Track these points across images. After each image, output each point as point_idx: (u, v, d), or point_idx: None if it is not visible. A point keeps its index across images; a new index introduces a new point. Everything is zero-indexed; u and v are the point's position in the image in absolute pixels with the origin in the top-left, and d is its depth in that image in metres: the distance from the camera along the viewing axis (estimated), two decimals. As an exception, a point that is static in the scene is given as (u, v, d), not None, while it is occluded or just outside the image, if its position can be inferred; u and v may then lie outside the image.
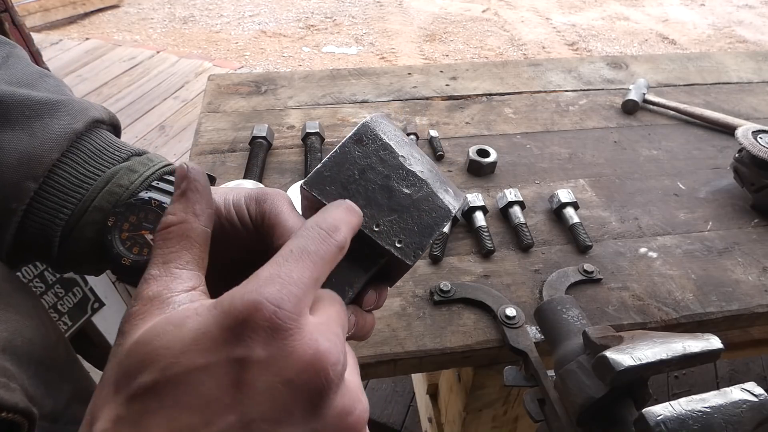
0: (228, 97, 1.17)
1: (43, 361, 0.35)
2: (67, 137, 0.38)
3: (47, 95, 0.40)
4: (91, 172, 0.39)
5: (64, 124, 0.39)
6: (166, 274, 0.28)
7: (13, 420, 0.29)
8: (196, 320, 0.24)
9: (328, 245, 0.28)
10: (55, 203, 0.37)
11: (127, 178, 0.39)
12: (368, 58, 4.20)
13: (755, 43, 4.67)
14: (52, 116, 0.39)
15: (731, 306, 0.75)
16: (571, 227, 0.85)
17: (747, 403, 0.42)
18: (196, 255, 0.29)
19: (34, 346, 0.35)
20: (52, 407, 0.35)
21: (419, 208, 0.36)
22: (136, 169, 0.40)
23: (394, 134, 0.38)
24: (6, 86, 0.38)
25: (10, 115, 0.37)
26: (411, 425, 1.65)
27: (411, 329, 0.71)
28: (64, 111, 0.40)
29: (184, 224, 0.29)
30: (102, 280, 1.45)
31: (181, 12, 4.96)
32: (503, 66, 1.35)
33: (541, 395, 0.59)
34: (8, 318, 0.34)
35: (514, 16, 5.12)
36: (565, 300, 0.63)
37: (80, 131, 0.40)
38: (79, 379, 0.41)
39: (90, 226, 0.38)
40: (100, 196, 0.38)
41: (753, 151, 0.87)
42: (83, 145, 0.40)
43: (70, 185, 0.38)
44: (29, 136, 0.37)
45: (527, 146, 1.06)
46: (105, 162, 0.40)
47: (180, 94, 3.37)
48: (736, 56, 1.45)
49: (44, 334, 0.37)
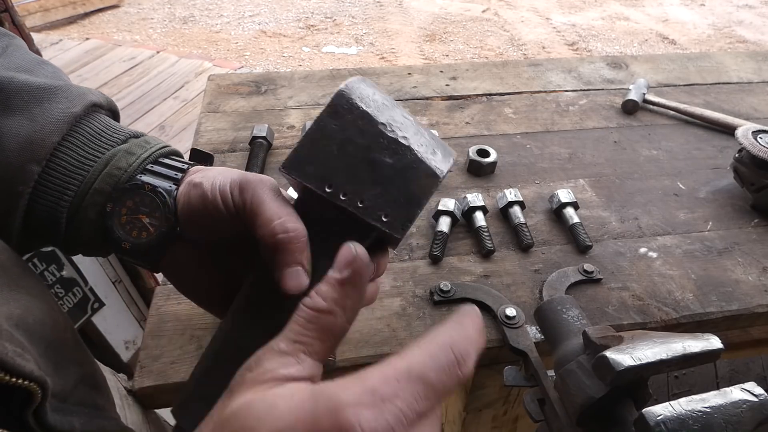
0: (228, 97, 1.17)
1: (52, 341, 0.36)
2: (66, 121, 0.39)
3: (45, 81, 0.41)
4: (91, 154, 0.40)
5: (63, 108, 0.40)
6: (293, 355, 0.28)
7: (27, 388, 0.30)
8: (286, 412, 0.24)
9: (450, 378, 0.25)
10: (59, 185, 0.38)
11: (125, 160, 0.40)
12: (368, 58, 4.20)
13: (755, 43, 4.67)
14: (50, 101, 0.40)
15: (731, 306, 0.75)
16: (571, 227, 0.85)
17: (747, 403, 0.42)
18: (328, 349, 0.29)
19: (44, 327, 0.36)
20: (61, 387, 0.36)
21: (404, 177, 0.34)
22: (133, 151, 0.41)
23: (374, 99, 0.35)
24: (5, 72, 0.39)
25: (10, 101, 0.38)
26: (411, 425, 1.65)
27: (411, 329, 0.71)
28: (63, 96, 0.40)
29: (332, 317, 0.29)
30: (102, 280, 1.45)
31: (181, 12, 4.96)
32: (503, 66, 1.35)
33: (541, 395, 0.59)
34: (20, 298, 0.35)
35: (514, 16, 5.12)
36: (565, 300, 0.63)
37: (79, 115, 0.40)
38: (85, 364, 0.41)
39: (92, 207, 0.39)
40: (100, 179, 0.39)
41: (753, 151, 0.87)
42: (82, 128, 0.41)
43: (71, 167, 0.39)
44: (30, 120, 0.38)
45: (527, 146, 1.06)
46: (104, 144, 0.41)
47: (180, 94, 3.37)
48: (736, 56, 1.45)
49: (53, 317, 0.38)
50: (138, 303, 1.60)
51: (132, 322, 1.57)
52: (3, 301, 0.33)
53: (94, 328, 1.45)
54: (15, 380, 0.30)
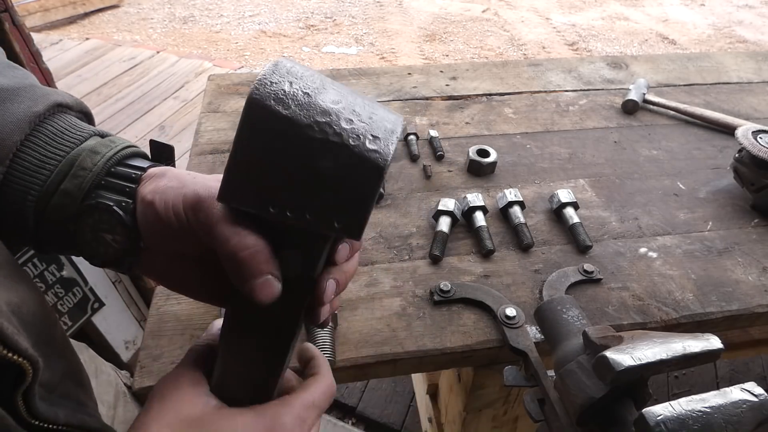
0: (228, 97, 1.17)
1: (43, 334, 0.37)
2: (27, 120, 0.39)
3: (8, 82, 0.41)
4: (53, 153, 0.39)
5: (24, 108, 0.40)
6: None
7: (20, 365, 0.32)
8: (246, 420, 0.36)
9: (328, 403, 0.42)
10: (22, 185, 0.38)
11: (90, 160, 0.39)
12: (368, 58, 4.20)
13: (755, 43, 4.67)
14: (12, 101, 0.40)
15: (731, 306, 0.75)
16: (571, 227, 0.85)
17: (747, 403, 0.42)
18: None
19: (36, 319, 0.37)
20: (48, 377, 0.37)
21: (346, 178, 0.30)
22: (98, 150, 0.40)
23: (294, 91, 0.30)
24: None
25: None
26: (411, 425, 1.65)
27: (411, 329, 0.71)
28: (25, 96, 0.40)
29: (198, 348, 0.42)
30: (102, 280, 1.45)
31: (181, 12, 4.96)
32: (503, 66, 1.35)
33: (541, 395, 0.59)
34: (18, 289, 0.36)
35: (514, 16, 5.12)
36: (565, 300, 0.63)
37: (41, 114, 0.40)
38: (71, 361, 0.42)
39: (58, 210, 0.39)
40: (67, 180, 0.39)
41: (753, 151, 0.87)
42: (45, 127, 0.40)
43: (33, 167, 0.39)
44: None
45: (527, 146, 1.06)
46: (66, 142, 0.40)
47: (180, 94, 3.37)
48: (736, 56, 1.45)
49: (45, 312, 0.39)
50: (138, 303, 1.60)
51: (132, 322, 1.57)
52: (4, 288, 0.35)
53: (94, 328, 1.45)
54: (11, 355, 0.31)
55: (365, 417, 1.67)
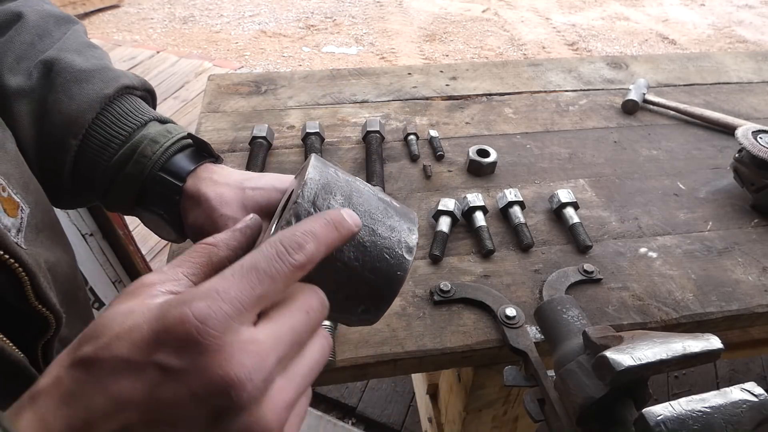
0: (228, 97, 1.17)
1: (68, 296, 0.41)
2: (99, 101, 0.46)
3: (86, 64, 0.47)
4: (116, 133, 0.46)
5: (97, 90, 0.46)
6: (169, 272, 0.30)
7: (46, 317, 0.35)
8: (139, 315, 0.26)
9: (281, 264, 0.27)
10: (92, 159, 0.46)
11: (150, 148, 0.46)
12: (368, 58, 4.20)
13: (755, 43, 4.67)
14: (88, 82, 0.46)
15: (731, 306, 0.75)
16: (571, 227, 0.85)
17: (747, 403, 0.42)
18: (205, 272, 0.31)
19: (66, 280, 0.41)
20: (67, 335, 0.40)
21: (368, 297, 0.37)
22: (158, 140, 0.47)
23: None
24: (56, 52, 0.47)
25: (55, 80, 0.46)
26: (411, 425, 1.65)
27: (411, 329, 0.71)
28: (99, 78, 0.47)
29: (214, 248, 0.32)
30: (102, 280, 1.45)
31: (181, 12, 4.95)
32: (503, 66, 1.35)
33: (541, 395, 0.59)
34: (56, 251, 0.41)
35: (514, 16, 5.12)
36: (565, 300, 0.63)
37: (111, 96, 0.47)
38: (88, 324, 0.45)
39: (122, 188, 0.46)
40: (130, 165, 0.46)
41: (753, 151, 0.87)
42: (113, 108, 0.47)
43: (100, 144, 0.46)
44: (69, 98, 0.45)
45: (527, 146, 1.06)
46: (129, 124, 0.47)
47: (180, 94, 3.37)
48: (736, 56, 1.45)
49: (74, 277, 0.44)
50: (138, 303, 1.60)
51: (132, 322, 1.57)
52: (43, 248, 0.39)
53: (94, 328, 1.45)
54: (41, 307, 0.35)
55: (365, 417, 1.67)
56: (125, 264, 1.53)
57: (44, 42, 0.48)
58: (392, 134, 1.08)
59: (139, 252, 1.56)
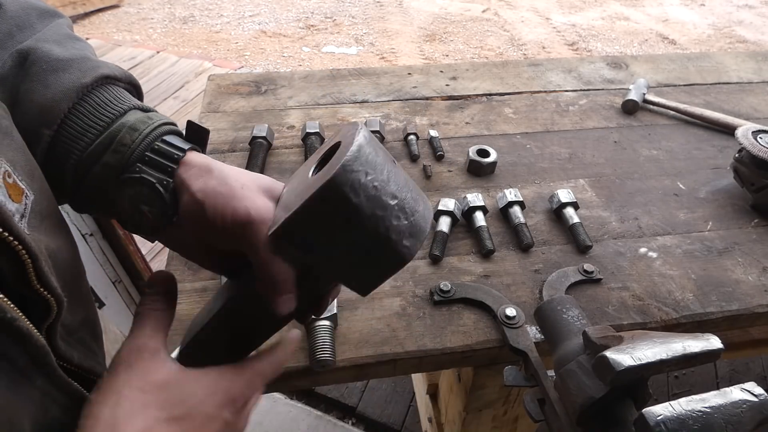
0: (228, 97, 1.17)
1: (70, 281, 0.41)
2: (75, 90, 0.43)
3: (65, 53, 0.45)
4: (93, 123, 0.43)
5: (74, 79, 0.43)
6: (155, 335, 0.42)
7: (48, 301, 0.36)
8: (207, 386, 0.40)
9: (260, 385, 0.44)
10: (65, 150, 0.43)
11: (129, 136, 0.43)
12: (368, 58, 4.20)
13: (755, 43, 4.67)
14: (65, 71, 0.44)
15: (731, 306, 0.75)
16: (571, 227, 0.85)
17: (747, 403, 0.42)
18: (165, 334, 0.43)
19: (67, 268, 0.41)
20: (69, 321, 0.41)
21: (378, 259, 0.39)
22: (137, 127, 0.43)
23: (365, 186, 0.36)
24: (34, 42, 0.45)
25: (30, 69, 0.43)
26: (411, 425, 1.65)
27: (411, 329, 0.71)
28: (76, 67, 0.44)
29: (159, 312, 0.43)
30: (102, 280, 1.45)
31: (181, 12, 4.96)
32: (503, 66, 1.35)
33: (541, 395, 0.59)
34: (58, 237, 0.41)
35: (514, 16, 5.12)
36: (565, 300, 0.62)
37: (88, 85, 0.44)
38: (89, 311, 0.47)
39: (99, 178, 0.43)
40: (108, 154, 0.42)
41: (753, 151, 0.87)
42: (90, 98, 0.44)
43: (75, 134, 0.43)
44: (44, 87, 0.42)
45: (527, 146, 1.06)
46: (107, 114, 0.44)
47: (180, 94, 3.37)
48: (736, 56, 1.45)
49: (75, 264, 0.44)
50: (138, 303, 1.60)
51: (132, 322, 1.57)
52: (45, 234, 0.39)
53: (94, 328, 1.45)
54: (43, 290, 0.35)
55: (365, 417, 1.67)
56: (125, 264, 1.53)
57: (24, 33, 0.46)
58: (392, 134, 1.08)
59: (139, 252, 1.56)
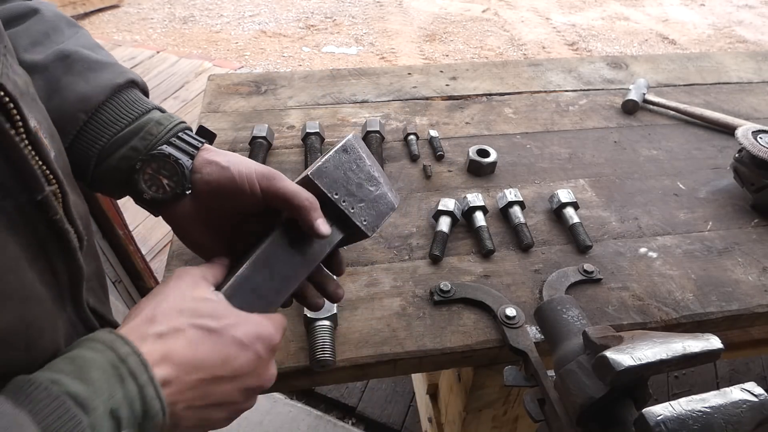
0: (228, 97, 1.17)
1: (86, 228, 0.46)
2: (110, 87, 0.53)
3: (101, 57, 0.56)
4: (123, 116, 0.53)
5: (109, 78, 0.54)
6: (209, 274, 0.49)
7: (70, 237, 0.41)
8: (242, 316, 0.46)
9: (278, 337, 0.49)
10: (93, 135, 0.52)
11: (156, 129, 0.53)
12: (368, 58, 4.20)
13: (755, 43, 4.67)
14: (102, 71, 0.54)
15: (731, 306, 0.75)
16: (571, 227, 0.85)
17: (747, 403, 0.42)
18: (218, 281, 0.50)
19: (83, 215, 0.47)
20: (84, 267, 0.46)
21: (377, 201, 0.54)
22: (162, 122, 0.54)
23: (364, 149, 0.55)
24: (74, 46, 0.55)
25: (74, 66, 0.53)
26: (411, 425, 1.65)
27: (411, 329, 0.71)
28: (111, 70, 0.55)
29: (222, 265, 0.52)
30: (102, 280, 1.45)
31: (181, 12, 4.95)
32: (503, 66, 1.35)
33: (541, 395, 0.59)
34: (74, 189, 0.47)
35: (514, 16, 5.12)
36: (565, 300, 0.63)
37: (120, 85, 0.54)
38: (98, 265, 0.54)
39: (125, 159, 0.52)
40: (136, 140, 0.52)
41: (753, 151, 0.87)
42: (121, 96, 0.54)
43: (106, 123, 0.52)
44: (85, 82, 0.52)
45: (527, 146, 1.06)
46: (134, 110, 0.54)
47: (180, 94, 3.37)
48: (736, 56, 1.45)
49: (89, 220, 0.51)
50: (138, 303, 1.59)
51: (132, 322, 1.57)
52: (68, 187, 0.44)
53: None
54: (69, 227, 0.41)
55: (365, 417, 1.67)
56: (125, 264, 1.53)
57: (57, 36, 0.55)
58: (392, 134, 1.08)
59: (139, 252, 1.56)
